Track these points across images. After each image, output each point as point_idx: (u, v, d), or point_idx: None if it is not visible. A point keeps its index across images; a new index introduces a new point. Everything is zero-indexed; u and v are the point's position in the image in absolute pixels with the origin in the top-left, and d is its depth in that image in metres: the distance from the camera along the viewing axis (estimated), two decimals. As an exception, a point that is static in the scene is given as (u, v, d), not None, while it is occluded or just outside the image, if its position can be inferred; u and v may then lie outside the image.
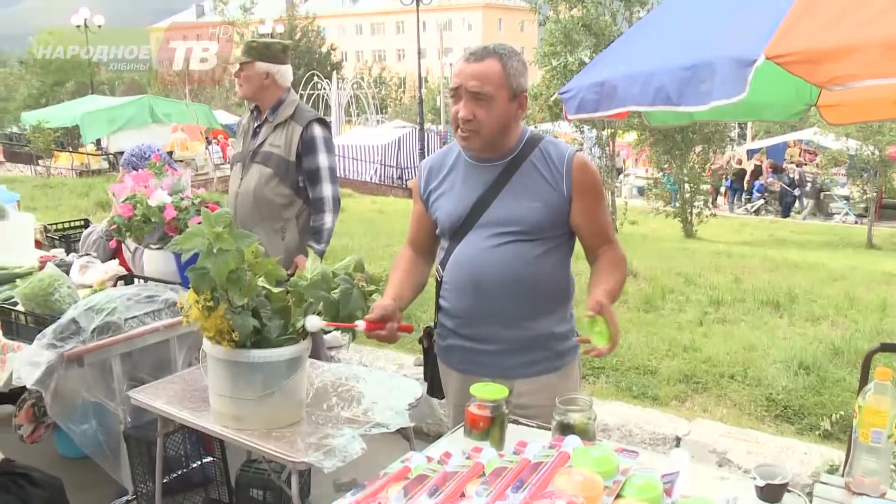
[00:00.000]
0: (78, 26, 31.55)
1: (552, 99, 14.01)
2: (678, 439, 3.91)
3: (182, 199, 3.36)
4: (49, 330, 3.06)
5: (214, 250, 2.34)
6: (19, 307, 3.26)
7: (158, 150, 4.10)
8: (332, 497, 3.09)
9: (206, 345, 2.54)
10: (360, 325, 2.37)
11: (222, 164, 23.09)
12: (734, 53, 2.30)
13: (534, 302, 2.48)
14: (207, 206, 3.32)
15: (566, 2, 18.07)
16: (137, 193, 3.37)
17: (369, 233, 11.06)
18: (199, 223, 2.97)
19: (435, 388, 2.81)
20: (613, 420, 4.07)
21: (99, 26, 32.44)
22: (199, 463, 3.58)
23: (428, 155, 23.84)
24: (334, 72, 36.21)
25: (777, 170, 25.60)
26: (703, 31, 2.68)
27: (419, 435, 3.08)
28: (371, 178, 26.55)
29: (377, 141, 27.83)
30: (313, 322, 2.38)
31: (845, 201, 23.27)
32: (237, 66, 4.03)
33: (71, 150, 23.72)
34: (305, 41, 48.10)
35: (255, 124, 4.05)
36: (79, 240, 4.80)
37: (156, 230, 3.34)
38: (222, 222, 2.38)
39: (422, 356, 2.91)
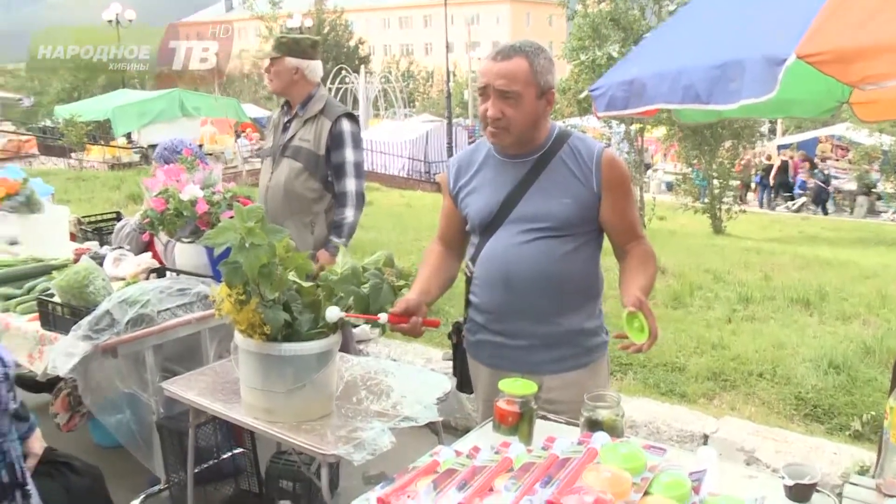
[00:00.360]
0: (109, 21, 31.89)
1: (582, 95, 13.92)
2: (706, 437, 3.89)
3: (213, 193, 3.40)
4: (84, 321, 3.11)
5: (247, 245, 2.37)
6: (56, 298, 3.32)
7: (190, 144, 4.15)
8: (361, 489, 3.11)
9: (238, 338, 2.58)
10: (383, 317, 2.41)
11: (251, 157, 23.22)
12: (764, 52, 2.29)
13: (563, 298, 2.49)
14: (239, 201, 3.36)
15: (594, -5, 17.99)
16: (170, 187, 3.41)
17: (397, 227, 11.08)
18: (231, 217, 3.02)
19: (464, 382, 2.82)
20: (641, 417, 4.06)
21: (130, 21, 32.78)
22: (230, 454, 3.63)
23: (456, 149, 23.82)
24: (362, 66, 36.30)
25: (812, 166, 25.19)
26: (732, 29, 2.68)
27: (447, 429, 3.10)
28: (399, 172, 26.57)
29: (405, 135, 27.84)
30: (333, 313, 2.40)
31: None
32: (267, 60, 4.07)
33: (103, 143, 23.96)
34: (333, 35, 48.18)
35: (286, 119, 4.09)
36: (111, 232, 4.87)
37: (188, 224, 3.38)
38: (254, 217, 2.41)
39: (450, 351, 2.92)
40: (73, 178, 16.55)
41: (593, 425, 2.15)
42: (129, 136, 24.35)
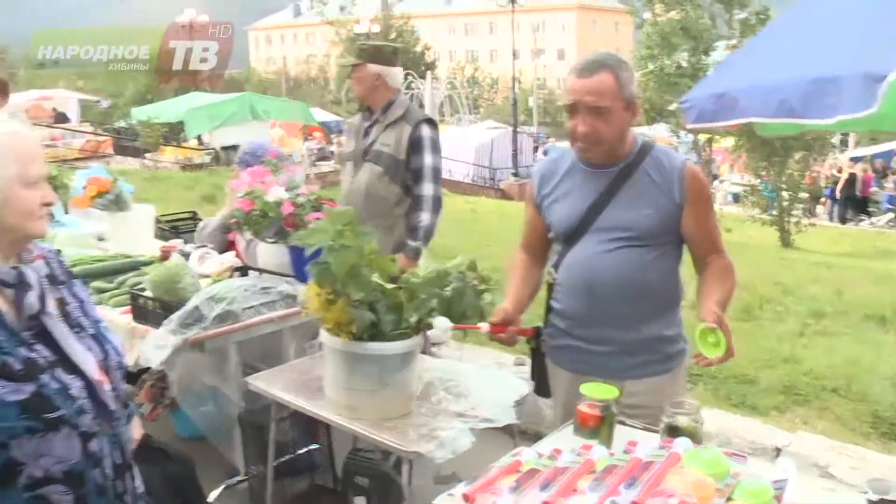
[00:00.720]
0: (183, 26, 32.70)
1: (671, 107, 13.84)
2: (778, 450, 3.87)
3: (298, 195, 3.50)
4: (175, 316, 3.24)
5: (337, 246, 2.46)
6: (147, 293, 3.47)
7: (274, 148, 4.28)
8: (432, 489, 3.17)
9: (324, 336, 2.65)
10: (485, 327, 2.50)
11: (318, 160, 23.60)
12: (863, 68, 2.30)
13: (645, 305, 2.54)
14: (323, 203, 3.46)
15: (664, 4, 17.86)
16: (256, 189, 3.53)
17: (463, 232, 11.14)
18: (318, 219, 3.13)
19: (541, 387, 2.87)
20: (712, 427, 4.04)
21: (203, 25, 33.57)
22: (306, 449, 3.72)
23: (521, 157, 23.76)
24: (428, 72, 36.50)
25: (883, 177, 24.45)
26: (827, 45, 2.68)
27: (520, 434, 3.13)
28: (464, 178, 26.70)
29: (470, 141, 27.96)
30: (443, 323, 2.47)
31: None
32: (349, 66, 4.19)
33: (175, 144, 24.61)
34: (400, 41, 48.63)
35: (367, 124, 4.19)
36: (187, 231, 5.06)
37: (273, 224, 3.50)
38: (345, 220, 2.50)
39: (522, 356, 2.98)
40: (148, 177, 17.01)
41: (673, 431, 2.18)
42: (199, 137, 24.96)
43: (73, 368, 1.78)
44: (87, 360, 1.83)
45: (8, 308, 1.73)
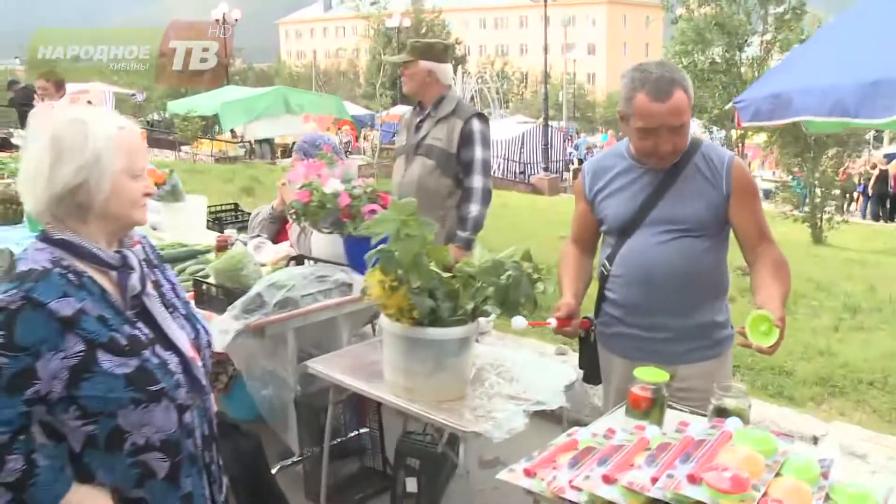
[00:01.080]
0: (217, 20, 33.02)
1: (726, 107, 13.79)
2: (815, 439, 3.95)
3: (354, 187, 3.64)
4: (239, 302, 3.39)
5: (402, 235, 2.59)
6: (210, 280, 3.62)
7: (329, 140, 4.43)
8: (477, 473, 3.32)
9: (385, 321, 2.78)
10: (553, 322, 2.62)
11: (352, 153, 23.78)
12: None
13: (699, 293, 2.67)
14: (379, 196, 3.60)
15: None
16: (313, 181, 3.67)
17: (494, 227, 11.19)
18: (371, 211, 3.26)
19: (591, 374, 2.99)
20: (750, 416, 4.13)
21: (236, 20, 33.89)
22: (356, 433, 3.86)
23: (552, 151, 23.70)
24: (458, 66, 36.56)
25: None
26: (882, 48, 2.78)
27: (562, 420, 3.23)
28: (494, 173, 26.70)
29: (500, 136, 28.01)
30: (519, 322, 2.58)
31: None
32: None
33: (210, 137, 24.91)
34: (431, 35, 48.75)
35: (418, 119, 4.33)
36: (229, 222, 5.24)
37: (330, 215, 3.63)
38: (408, 210, 2.63)
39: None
40: (187, 170, 17.25)
41: (722, 413, 2.29)
42: (232, 131, 25.23)
43: (170, 345, 1.93)
44: (181, 337, 1.98)
45: (113, 289, 1.88)
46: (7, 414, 1.72)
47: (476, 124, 4.18)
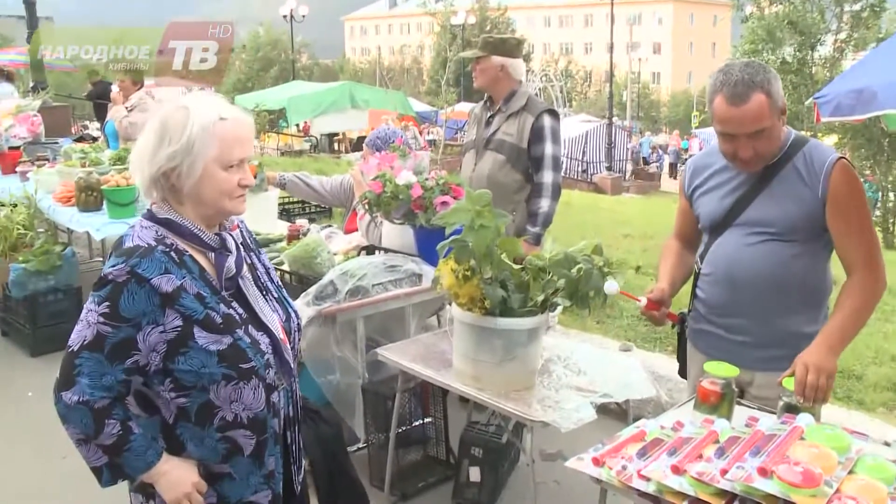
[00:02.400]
0: (284, 16, 33.56)
1: (806, 103, 13.52)
2: (887, 444, 3.88)
3: (427, 179, 3.70)
4: (313, 289, 3.48)
5: (476, 226, 2.64)
6: (285, 267, 3.72)
7: (401, 134, 4.50)
8: (539, 465, 3.33)
9: (456, 311, 2.83)
10: (643, 301, 2.63)
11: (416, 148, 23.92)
12: None
13: (785, 300, 2.56)
14: (451, 187, 3.65)
15: (770, -2, 17.48)
16: (386, 173, 3.74)
17: (557, 226, 11.18)
18: (443, 203, 3.31)
19: (684, 369, 3.00)
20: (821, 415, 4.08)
21: (303, 16, 34.38)
22: (420, 422, 3.92)
23: (614, 150, 23.49)
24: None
25: None
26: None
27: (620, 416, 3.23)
28: (558, 171, 26.61)
29: (564, 134, 27.76)
30: (612, 286, 2.59)
31: None
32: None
33: (277, 131, 25.31)
34: (496, 32, 48.72)
35: (488, 114, 4.38)
36: (297, 213, 5.36)
37: (402, 206, 3.69)
38: (483, 201, 2.67)
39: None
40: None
41: (791, 410, 2.27)
42: (297, 124, 25.59)
43: (262, 326, 2.02)
44: (273, 319, 2.07)
45: (211, 269, 1.97)
46: (108, 380, 1.83)
47: (547, 120, 4.21)
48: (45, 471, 3.94)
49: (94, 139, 8.98)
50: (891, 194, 17.32)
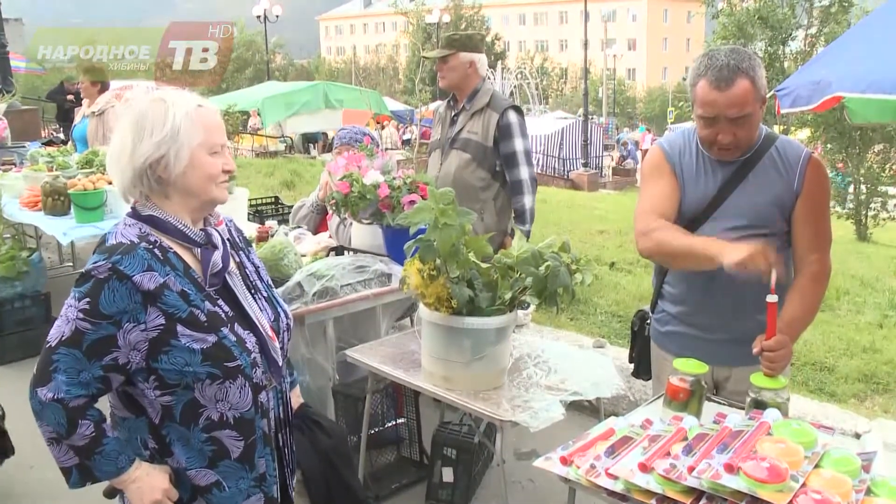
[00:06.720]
0: (258, 17, 33.34)
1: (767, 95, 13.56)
2: (858, 435, 3.89)
3: (394, 178, 3.66)
4: (279, 291, 3.42)
5: (440, 224, 2.60)
6: (252, 269, 3.66)
7: (368, 133, 4.46)
8: (514, 464, 3.31)
9: (423, 311, 2.80)
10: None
11: (390, 148, 23.86)
12: None
13: (762, 294, 2.43)
14: (418, 186, 3.62)
15: (740, -7, 17.59)
16: (353, 172, 3.70)
17: (537, 222, 11.20)
18: (411, 202, 3.28)
19: (641, 369, 2.96)
20: (790, 412, 4.09)
21: (277, 17, 34.20)
22: (394, 423, 3.89)
23: (591, 147, 23.42)
24: (498, 62, 36.49)
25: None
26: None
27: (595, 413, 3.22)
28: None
29: (540, 131, 27.86)
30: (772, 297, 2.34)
31: None
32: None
33: (251, 132, 25.16)
34: (470, 31, 48.72)
35: (453, 113, 4.35)
36: (269, 215, 5.31)
37: (370, 206, 3.66)
38: (446, 200, 2.64)
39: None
40: (228, 164, 17.38)
41: (759, 406, 2.26)
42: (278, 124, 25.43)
43: (249, 324, 1.99)
44: (261, 318, 2.03)
45: (196, 265, 1.94)
46: (85, 377, 1.79)
47: (513, 116, 4.19)
48: (12, 481, 3.88)
49: (64, 142, 8.87)
50: (863, 186, 17.45)
